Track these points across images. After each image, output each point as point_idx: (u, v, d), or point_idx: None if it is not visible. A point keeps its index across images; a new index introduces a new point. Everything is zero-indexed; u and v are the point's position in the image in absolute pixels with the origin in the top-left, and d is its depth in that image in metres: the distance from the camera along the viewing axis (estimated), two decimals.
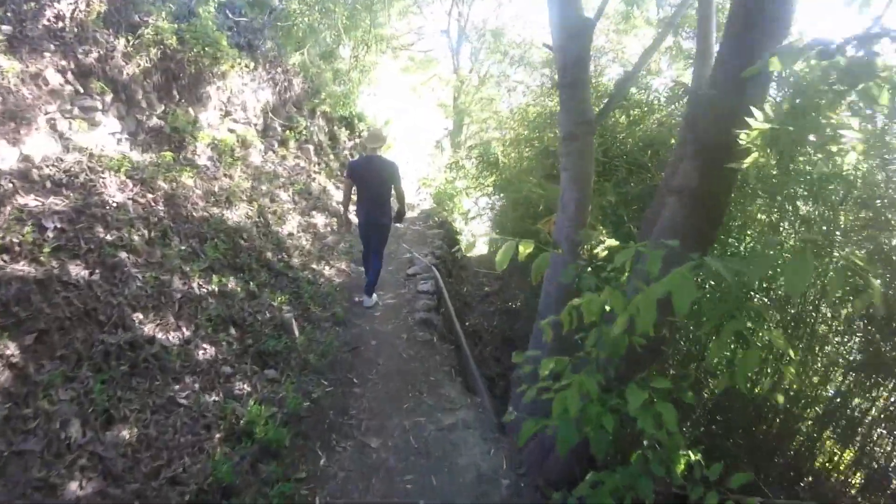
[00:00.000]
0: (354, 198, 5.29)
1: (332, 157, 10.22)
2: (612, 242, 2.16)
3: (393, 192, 5.18)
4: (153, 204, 4.35)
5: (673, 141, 4.52)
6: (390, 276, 6.82)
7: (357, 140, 11.82)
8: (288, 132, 8.73)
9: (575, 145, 3.02)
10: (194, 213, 4.74)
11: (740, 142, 1.96)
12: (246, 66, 7.72)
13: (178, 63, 6.28)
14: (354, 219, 5.57)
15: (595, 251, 2.19)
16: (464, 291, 9.07)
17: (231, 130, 7.18)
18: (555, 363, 2.46)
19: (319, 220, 7.67)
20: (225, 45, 7.01)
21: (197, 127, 6.35)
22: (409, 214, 11.71)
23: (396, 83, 15.90)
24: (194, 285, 4.07)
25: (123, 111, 5.44)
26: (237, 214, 5.46)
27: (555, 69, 7.10)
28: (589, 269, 2.56)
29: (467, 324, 8.01)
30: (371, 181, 4.99)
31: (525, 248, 2.25)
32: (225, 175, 5.93)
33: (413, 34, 14.30)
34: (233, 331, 4.05)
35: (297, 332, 4.46)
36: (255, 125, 8.04)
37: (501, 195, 8.50)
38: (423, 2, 13.72)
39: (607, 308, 2.04)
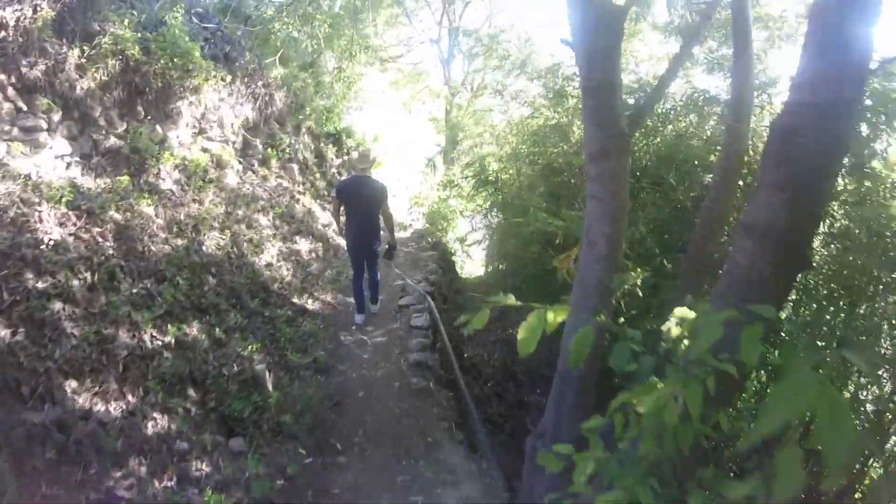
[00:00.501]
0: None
1: (318, 175, 9.62)
2: (685, 312, 1.56)
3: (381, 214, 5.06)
4: (100, 240, 3.71)
5: (712, 158, 3.99)
6: (380, 308, 6.19)
7: (345, 157, 11.24)
8: (270, 150, 8.12)
9: (606, 166, 2.44)
10: (152, 248, 4.10)
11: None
12: (222, 79, 7.14)
13: (143, 76, 5.68)
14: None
15: (664, 326, 1.60)
16: (459, 320, 8.44)
17: (205, 150, 6.56)
18: (595, 462, 1.86)
19: (303, 245, 7.04)
20: (198, 56, 6.42)
21: (165, 146, 5.74)
22: (400, 234, 11.15)
23: (385, 98, 15.40)
24: (146, 337, 3.42)
25: (76, 130, 4.81)
26: (206, 245, 4.82)
27: (560, 75, 6.65)
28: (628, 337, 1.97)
29: (465, 355, 7.38)
30: (360, 202, 4.88)
31: (556, 316, 1.64)
32: (194, 200, 5.30)
33: (402, 46, 13.83)
34: (192, 392, 3.39)
35: (270, 387, 3.81)
36: (233, 143, 7.43)
37: (500, 215, 7.94)
38: (411, 10, 13.24)
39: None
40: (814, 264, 3.10)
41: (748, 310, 1.39)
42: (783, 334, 3.31)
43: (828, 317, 3.19)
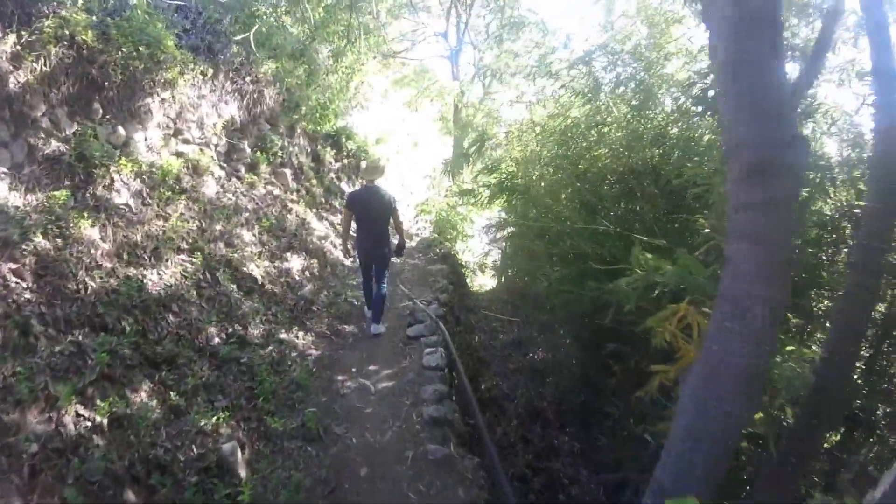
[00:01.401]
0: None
1: (314, 181, 8.67)
2: None
3: (391, 222, 5.06)
4: (14, 280, 2.77)
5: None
6: (386, 339, 5.24)
7: (345, 161, 10.31)
8: (259, 154, 7.18)
9: (769, 187, 1.49)
10: (91, 284, 3.15)
11: None
12: (202, 73, 6.21)
13: (101, 68, 4.76)
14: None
15: None
16: (475, 342, 7.50)
17: (179, 154, 5.62)
18: None
19: (295, 263, 6.09)
20: (171, 45, 5.51)
21: (128, 151, 4.81)
22: (407, 244, 10.14)
23: (388, 98, 14.44)
24: (67, 419, 2.47)
25: (6, 135, 3.87)
26: (168, 273, 3.88)
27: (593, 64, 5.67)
28: None
29: (483, 387, 6.43)
30: (370, 212, 4.88)
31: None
32: (159, 216, 4.36)
33: (406, 41, 12.86)
34: (131, 495, 2.44)
35: (242, 472, 2.86)
36: (216, 146, 6.49)
37: (515, 225, 6.97)
38: (416, 1, 12.24)
39: None
40: None
41: None
42: None
43: None
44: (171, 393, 3.05)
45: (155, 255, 3.89)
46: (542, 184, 6.17)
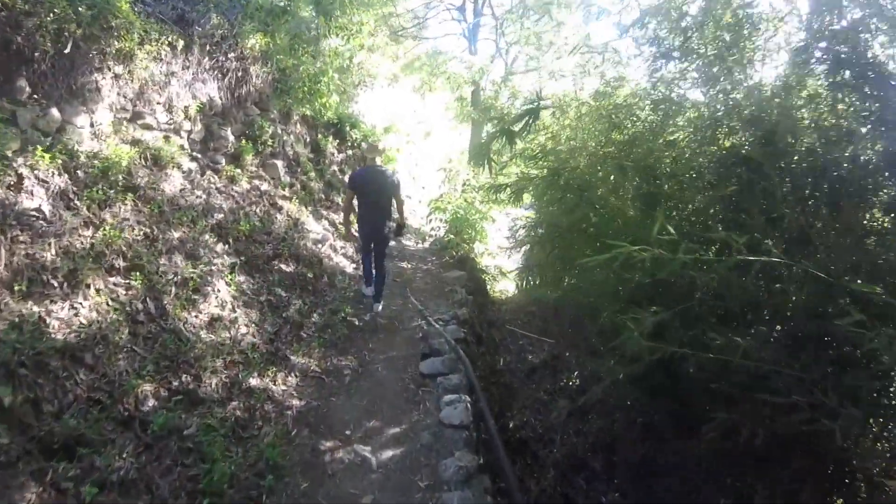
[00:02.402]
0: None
1: (312, 175, 7.55)
2: None
3: (394, 202, 5.08)
4: None
5: None
6: (393, 379, 4.12)
7: (349, 152, 9.18)
8: (244, 142, 6.08)
9: None
10: None
11: None
12: (171, 44, 5.11)
13: (28, 36, 3.69)
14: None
15: None
16: (499, 366, 6.36)
17: (137, 142, 4.53)
18: None
19: (282, 275, 4.99)
20: (125, 8, 4.42)
21: (61, 139, 3.73)
22: (419, 245, 9.12)
23: (399, 84, 13.27)
24: None
25: None
26: (87, 305, 2.78)
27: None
28: None
29: (511, 425, 5.30)
30: (371, 192, 4.89)
31: None
32: (87, 223, 3.26)
33: (416, 18, 11.61)
34: None
35: None
36: (189, 133, 5.40)
37: (552, 222, 5.73)
38: None
39: None
40: None
41: None
42: None
43: None
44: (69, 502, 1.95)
45: (70, 280, 2.79)
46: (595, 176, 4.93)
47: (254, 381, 3.38)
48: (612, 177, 4.33)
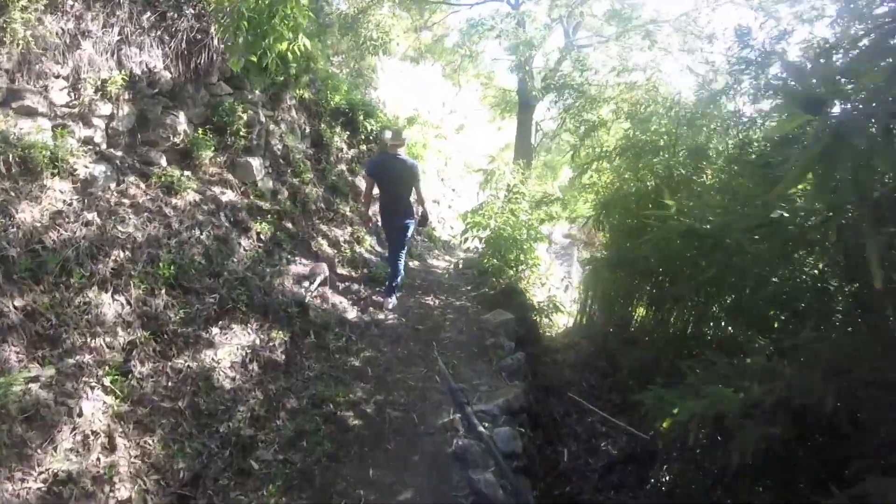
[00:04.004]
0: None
1: (309, 176, 5.67)
2: None
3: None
4: None
5: None
6: None
7: (363, 147, 7.30)
8: (200, 133, 4.23)
9: None
10: None
11: None
12: None
13: None
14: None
15: None
16: (562, 462, 4.34)
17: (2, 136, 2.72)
18: None
19: (230, 344, 3.10)
20: None
21: None
22: (449, 267, 7.10)
23: (425, 64, 11.30)
24: None
25: None
26: None
27: None
28: None
29: None
30: (390, 180, 4.73)
31: None
32: None
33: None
34: None
35: None
36: (109, 120, 3.59)
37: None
38: None
39: None
40: None
41: None
42: None
43: None
44: None
45: None
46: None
47: None
48: None
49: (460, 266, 6.84)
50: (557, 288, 7.22)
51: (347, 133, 6.99)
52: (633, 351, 4.85)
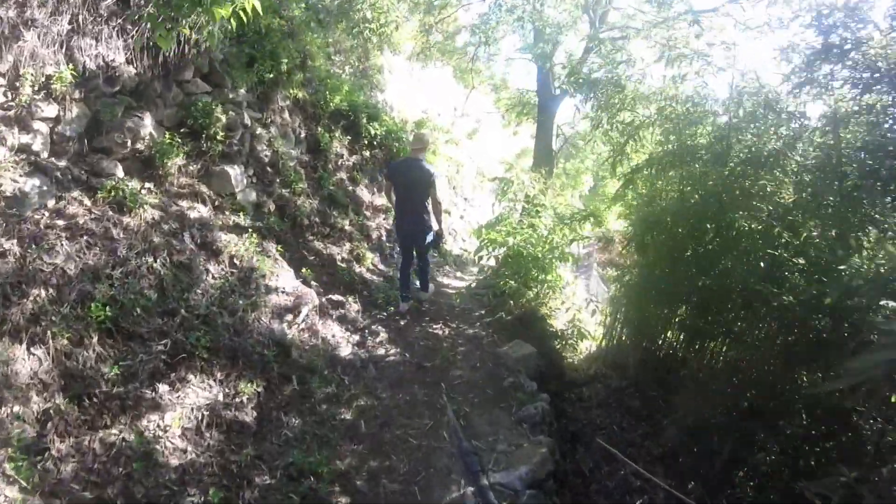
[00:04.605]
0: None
1: (302, 186, 5.03)
2: None
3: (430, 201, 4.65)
4: None
5: None
6: None
7: (366, 153, 6.66)
8: (168, 137, 3.61)
9: None
10: None
11: None
12: None
13: None
14: None
15: None
16: None
17: None
18: None
19: (182, 407, 2.44)
20: None
21: None
22: (460, 287, 6.39)
23: (434, 64, 10.68)
24: None
25: None
26: None
27: None
28: None
29: None
30: (407, 185, 4.58)
31: None
32: None
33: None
34: None
35: None
36: (54, 123, 2.99)
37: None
38: None
39: None
40: None
41: None
42: None
43: None
44: None
45: None
46: None
47: None
48: None
49: (473, 286, 6.14)
50: (579, 309, 6.49)
51: (349, 138, 6.36)
52: (679, 397, 4.10)
